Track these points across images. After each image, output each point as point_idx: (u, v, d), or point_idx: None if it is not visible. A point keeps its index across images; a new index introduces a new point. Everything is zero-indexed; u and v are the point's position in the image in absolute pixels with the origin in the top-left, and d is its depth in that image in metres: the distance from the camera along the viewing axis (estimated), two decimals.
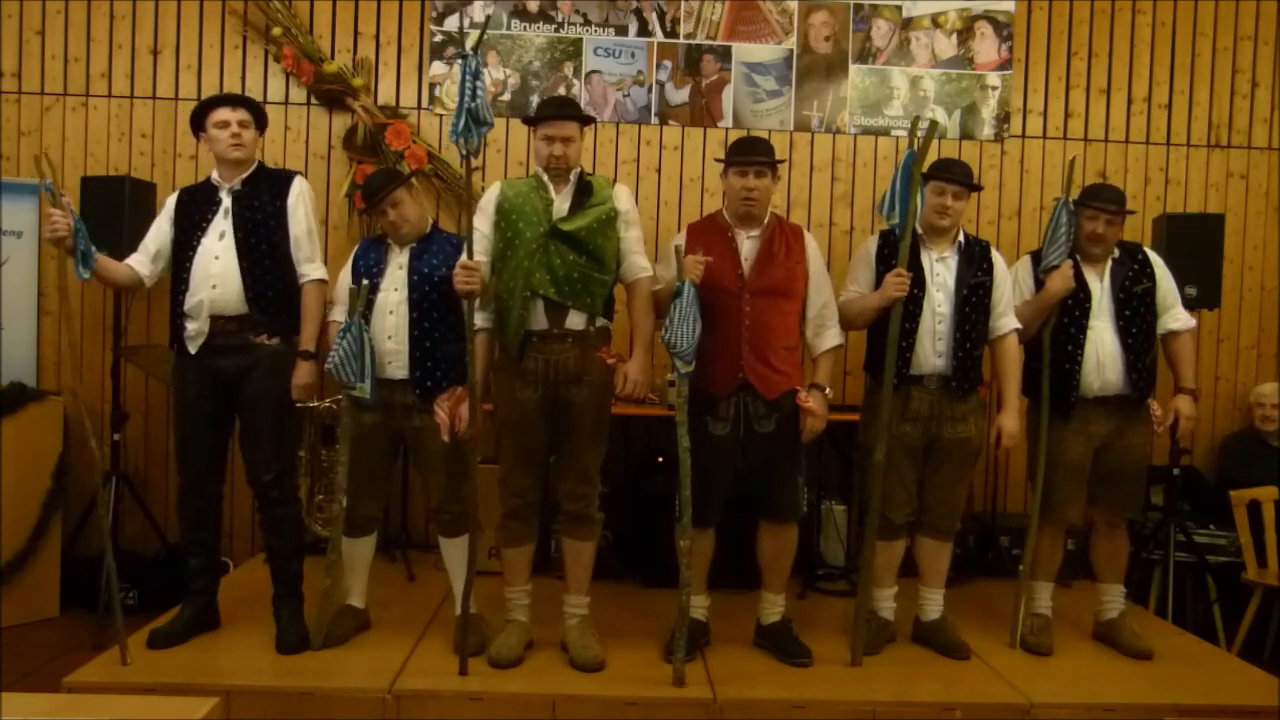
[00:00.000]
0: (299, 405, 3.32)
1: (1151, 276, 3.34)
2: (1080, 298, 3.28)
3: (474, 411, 3.00)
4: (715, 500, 3.15)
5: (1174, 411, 3.34)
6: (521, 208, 3.06)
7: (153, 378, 4.40)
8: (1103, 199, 3.28)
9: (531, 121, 3.12)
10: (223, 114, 3.12)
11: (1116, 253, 3.34)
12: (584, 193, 3.07)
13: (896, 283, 3.05)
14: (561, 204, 3.06)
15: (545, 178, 3.08)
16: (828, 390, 3.18)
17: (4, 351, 4.31)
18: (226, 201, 3.13)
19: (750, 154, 3.13)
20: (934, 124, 3.13)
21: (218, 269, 3.07)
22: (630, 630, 3.34)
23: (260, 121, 3.23)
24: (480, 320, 3.15)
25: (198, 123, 3.17)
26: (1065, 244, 3.23)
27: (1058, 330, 3.28)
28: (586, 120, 3.14)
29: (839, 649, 3.25)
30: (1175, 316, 3.38)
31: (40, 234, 4.41)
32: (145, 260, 3.18)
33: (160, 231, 3.19)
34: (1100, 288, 3.30)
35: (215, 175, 3.18)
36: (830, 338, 3.21)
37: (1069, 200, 3.24)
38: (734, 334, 3.06)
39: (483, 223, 3.11)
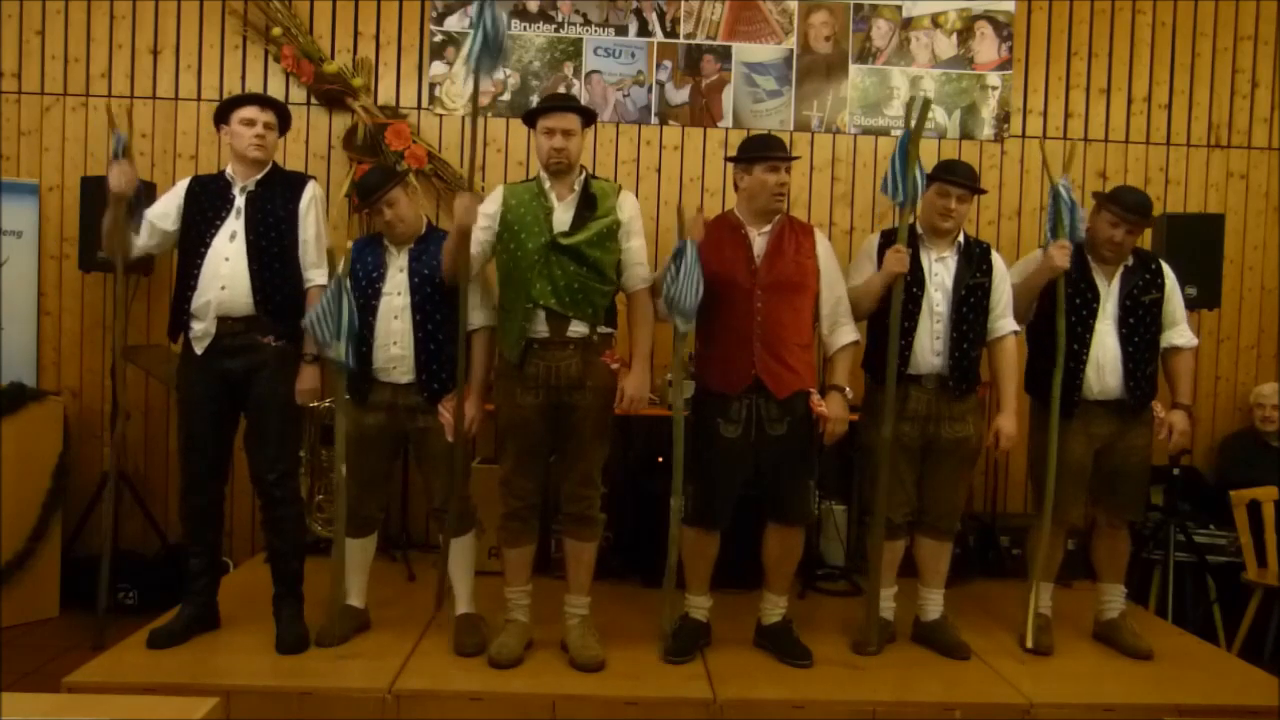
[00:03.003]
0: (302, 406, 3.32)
1: (1161, 288, 3.32)
2: (1088, 298, 3.27)
3: (460, 407, 3.03)
4: (725, 503, 3.15)
5: (1168, 426, 3.34)
6: (524, 218, 3.04)
7: (153, 378, 4.40)
8: (1127, 205, 3.21)
9: (531, 117, 3.10)
10: (251, 112, 3.11)
11: (1130, 260, 3.31)
12: (588, 205, 3.04)
13: (896, 258, 3.05)
14: (564, 214, 3.03)
15: (547, 183, 3.06)
16: (848, 391, 3.15)
17: (4, 351, 4.31)
18: (239, 201, 3.12)
19: (780, 150, 3.14)
20: (927, 102, 3.12)
21: (227, 270, 3.06)
22: (630, 630, 3.33)
23: (284, 125, 3.23)
24: (482, 318, 3.16)
25: (222, 116, 3.16)
26: (1065, 225, 3.18)
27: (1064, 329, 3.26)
28: (587, 114, 3.12)
29: (839, 649, 3.26)
30: (1180, 333, 3.37)
31: (40, 233, 4.43)
32: (144, 229, 3.14)
33: (166, 210, 3.16)
34: (1108, 291, 3.29)
35: (230, 171, 3.18)
36: (846, 334, 3.19)
37: (1061, 180, 3.20)
38: (746, 330, 3.06)
39: (480, 229, 3.10)
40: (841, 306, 3.20)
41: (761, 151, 3.13)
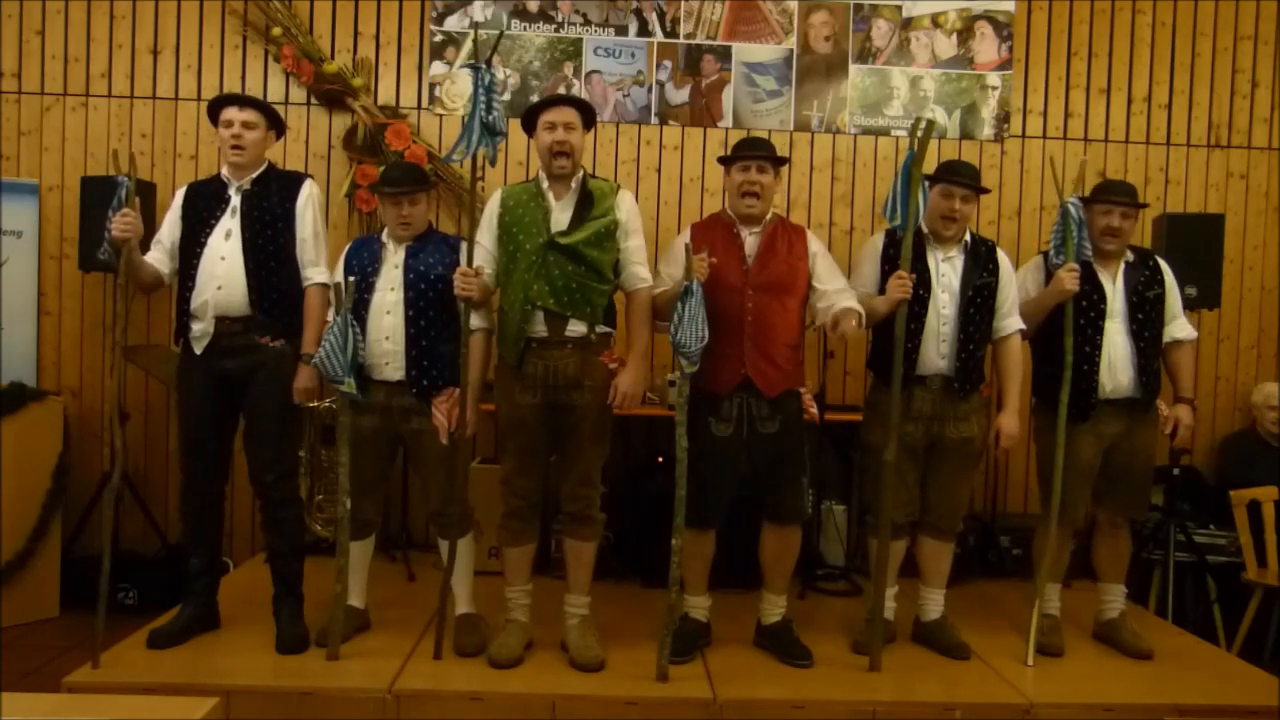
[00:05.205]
0: (301, 406, 3.32)
1: (1162, 284, 3.34)
2: (1095, 299, 3.26)
3: (463, 411, 3.04)
4: (717, 502, 3.15)
5: (1174, 420, 3.35)
6: (522, 219, 3.05)
7: (153, 378, 4.40)
8: (1115, 193, 3.30)
9: (530, 115, 3.10)
10: (228, 113, 3.11)
11: (1130, 256, 3.34)
12: (585, 204, 3.05)
13: (898, 285, 3.04)
14: (561, 214, 3.04)
15: (545, 184, 3.07)
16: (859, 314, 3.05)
17: (4, 351, 4.31)
18: (235, 200, 3.12)
19: (751, 149, 3.16)
20: (931, 123, 3.11)
21: (223, 269, 3.06)
22: (630, 630, 3.33)
23: (273, 123, 3.20)
24: (478, 320, 3.16)
25: (213, 117, 3.15)
26: (1074, 244, 3.20)
27: (1074, 332, 3.25)
28: (586, 109, 3.11)
29: (839, 649, 3.26)
30: (1180, 326, 3.40)
31: (40, 233, 4.42)
32: (164, 258, 3.16)
33: (173, 226, 3.17)
34: (1114, 290, 3.29)
35: (225, 172, 3.17)
36: (846, 300, 3.09)
37: (1070, 199, 3.21)
38: (736, 330, 3.06)
39: (485, 236, 3.12)
40: (846, 290, 3.16)
41: (740, 150, 3.17)
